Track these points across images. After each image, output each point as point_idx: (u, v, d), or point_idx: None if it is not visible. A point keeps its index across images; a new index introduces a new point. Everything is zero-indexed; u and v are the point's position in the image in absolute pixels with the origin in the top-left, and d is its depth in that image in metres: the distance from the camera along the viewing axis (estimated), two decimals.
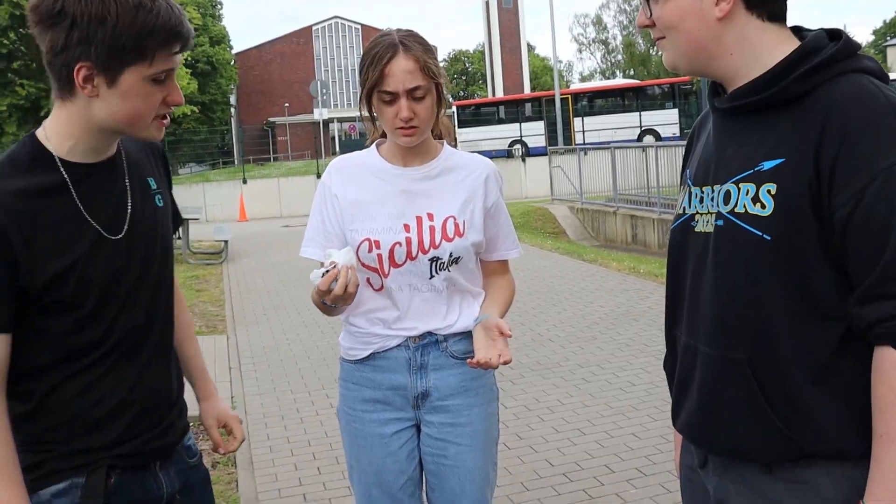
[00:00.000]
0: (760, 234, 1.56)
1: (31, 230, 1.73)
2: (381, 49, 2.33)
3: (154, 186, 2.02)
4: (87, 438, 1.83)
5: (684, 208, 1.79)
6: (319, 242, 2.49)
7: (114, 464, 1.86)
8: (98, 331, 1.83)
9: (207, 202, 27.19)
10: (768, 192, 1.56)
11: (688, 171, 1.85)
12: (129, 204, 1.91)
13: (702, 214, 1.71)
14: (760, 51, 1.63)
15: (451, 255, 2.43)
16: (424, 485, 2.59)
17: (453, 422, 2.49)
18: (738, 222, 1.60)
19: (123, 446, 1.87)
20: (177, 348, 2.17)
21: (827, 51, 1.57)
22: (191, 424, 2.14)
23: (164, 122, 1.86)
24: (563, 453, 5.08)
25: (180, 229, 14.89)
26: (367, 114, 2.45)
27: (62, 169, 1.80)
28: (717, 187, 1.68)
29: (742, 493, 1.68)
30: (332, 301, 2.23)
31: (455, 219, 2.45)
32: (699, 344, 1.71)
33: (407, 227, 2.42)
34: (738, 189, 1.61)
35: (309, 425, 5.86)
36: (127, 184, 1.92)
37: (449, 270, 2.45)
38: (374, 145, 2.55)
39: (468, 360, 2.32)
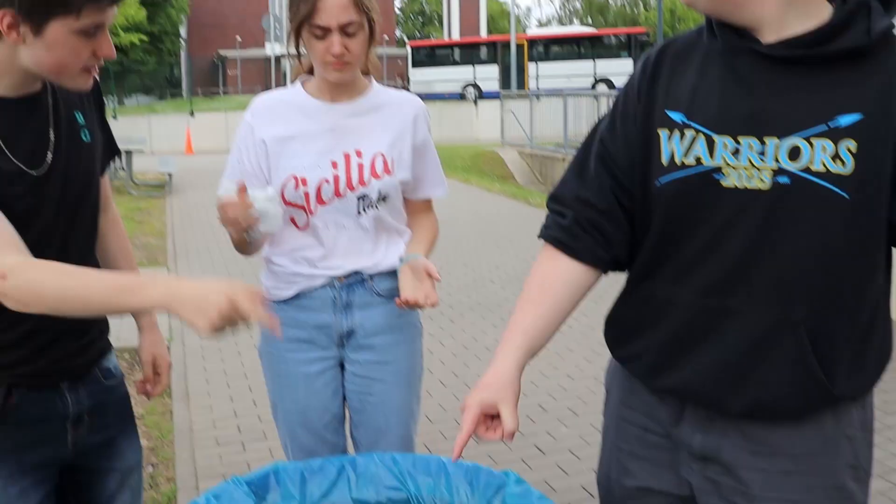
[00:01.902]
0: (841, 192, 1.49)
1: None
2: None
3: (81, 121, 1.96)
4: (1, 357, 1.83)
5: (698, 158, 1.61)
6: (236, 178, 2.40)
7: (15, 382, 1.85)
8: None
9: (153, 134, 26.74)
10: (848, 149, 1.48)
11: (676, 112, 1.65)
12: (52, 139, 1.86)
13: (737, 168, 1.57)
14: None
15: (379, 193, 2.39)
16: (348, 422, 2.59)
17: (378, 360, 2.48)
18: (816, 180, 1.50)
19: (27, 366, 1.86)
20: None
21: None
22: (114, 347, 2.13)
23: (92, 71, 1.81)
24: None
25: (123, 160, 14.69)
26: (294, 49, 2.36)
27: None
28: (769, 140, 1.54)
29: (737, 444, 1.67)
30: (230, 225, 2.25)
31: (384, 156, 2.40)
32: (732, 303, 1.61)
33: (335, 165, 2.36)
34: (811, 145, 1.50)
35: (246, 359, 5.84)
36: (51, 119, 1.87)
37: (377, 208, 2.41)
38: (298, 82, 2.47)
39: (396, 300, 2.30)
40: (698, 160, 1.61)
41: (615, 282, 1.86)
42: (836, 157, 1.49)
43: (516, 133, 21.48)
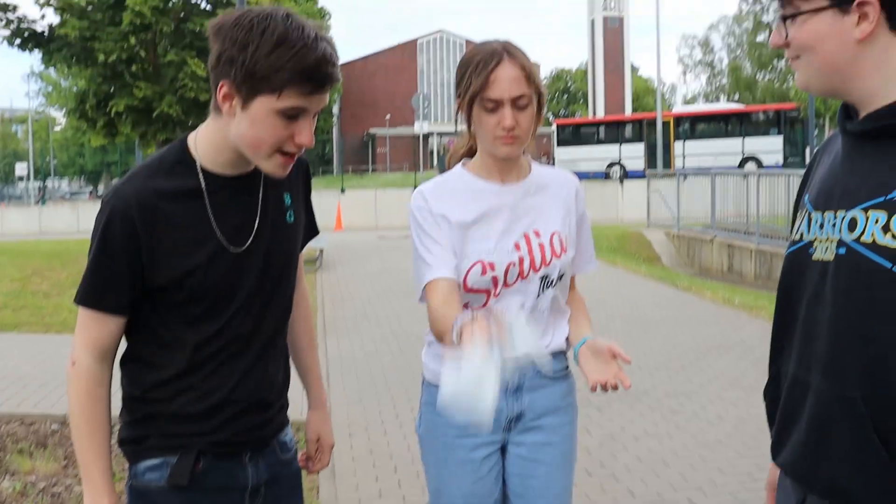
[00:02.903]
0: (890, 265, 1.47)
1: (160, 228, 1.88)
2: (485, 55, 2.27)
3: (288, 202, 2.10)
4: (186, 426, 1.97)
5: (801, 234, 1.69)
6: (447, 262, 2.31)
7: (205, 450, 1.98)
8: (206, 334, 1.95)
9: None
10: None
11: (807, 194, 1.75)
12: (258, 219, 2.00)
13: (821, 241, 1.61)
14: None
15: (559, 272, 2.41)
16: None
17: (546, 441, 2.47)
18: (864, 251, 1.50)
19: (216, 435, 1.99)
20: (297, 354, 2.31)
21: None
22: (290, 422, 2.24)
23: (289, 159, 1.90)
24: (647, 484, 5.01)
25: None
26: (463, 124, 2.39)
27: (201, 176, 1.93)
28: (840, 213, 1.58)
29: None
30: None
31: (560, 234, 2.42)
32: (811, 378, 1.62)
33: (517, 247, 2.37)
34: (867, 216, 1.52)
35: (392, 438, 5.93)
36: (260, 199, 2.02)
37: (555, 287, 2.42)
38: (460, 165, 2.48)
39: (592, 385, 2.18)
40: (802, 235, 1.69)
41: (763, 374, 1.85)
42: (887, 229, 1.47)
43: (662, 213, 21.22)
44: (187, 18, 20.94)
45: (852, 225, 1.54)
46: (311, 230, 2.26)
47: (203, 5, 21.64)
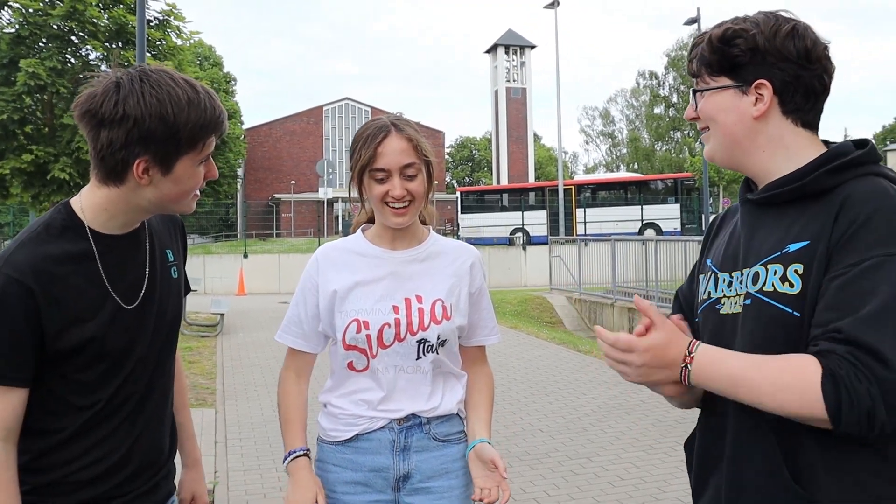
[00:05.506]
0: (790, 311, 1.65)
1: (57, 293, 1.83)
2: (373, 130, 2.39)
3: (171, 258, 2.12)
4: (82, 493, 1.91)
5: (709, 293, 1.88)
6: (293, 331, 2.55)
7: None
8: (104, 395, 1.92)
9: (207, 274, 27.27)
10: (796, 271, 1.66)
11: (709, 259, 1.95)
12: (146, 275, 2.00)
13: (729, 297, 1.80)
14: (792, 151, 1.77)
15: (438, 338, 2.45)
16: None
17: None
18: (767, 300, 1.69)
19: (111, 502, 1.94)
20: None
21: (854, 153, 1.72)
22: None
23: (197, 195, 2.00)
24: None
25: None
26: (356, 195, 2.49)
27: (91, 239, 1.91)
28: (745, 271, 1.77)
29: None
30: None
31: (443, 302, 2.47)
32: (728, 418, 1.76)
33: (396, 309, 2.44)
34: (767, 270, 1.71)
35: None
36: (146, 255, 2.02)
37: (437, 353, 2.47)
38: (359, 231, 2.58)
39: (472, 496, 2.34)
40: (710, 294, 1.88)
41: (663, 434, 1.87)
42: (784, 279, 1.67)
43: (564, 278, 21.52)
44: (85, 80, 20.54)
45: (755, 278, 1.73)
46: (186, 288, 2.28)
47: (102, 67, 21.28)
